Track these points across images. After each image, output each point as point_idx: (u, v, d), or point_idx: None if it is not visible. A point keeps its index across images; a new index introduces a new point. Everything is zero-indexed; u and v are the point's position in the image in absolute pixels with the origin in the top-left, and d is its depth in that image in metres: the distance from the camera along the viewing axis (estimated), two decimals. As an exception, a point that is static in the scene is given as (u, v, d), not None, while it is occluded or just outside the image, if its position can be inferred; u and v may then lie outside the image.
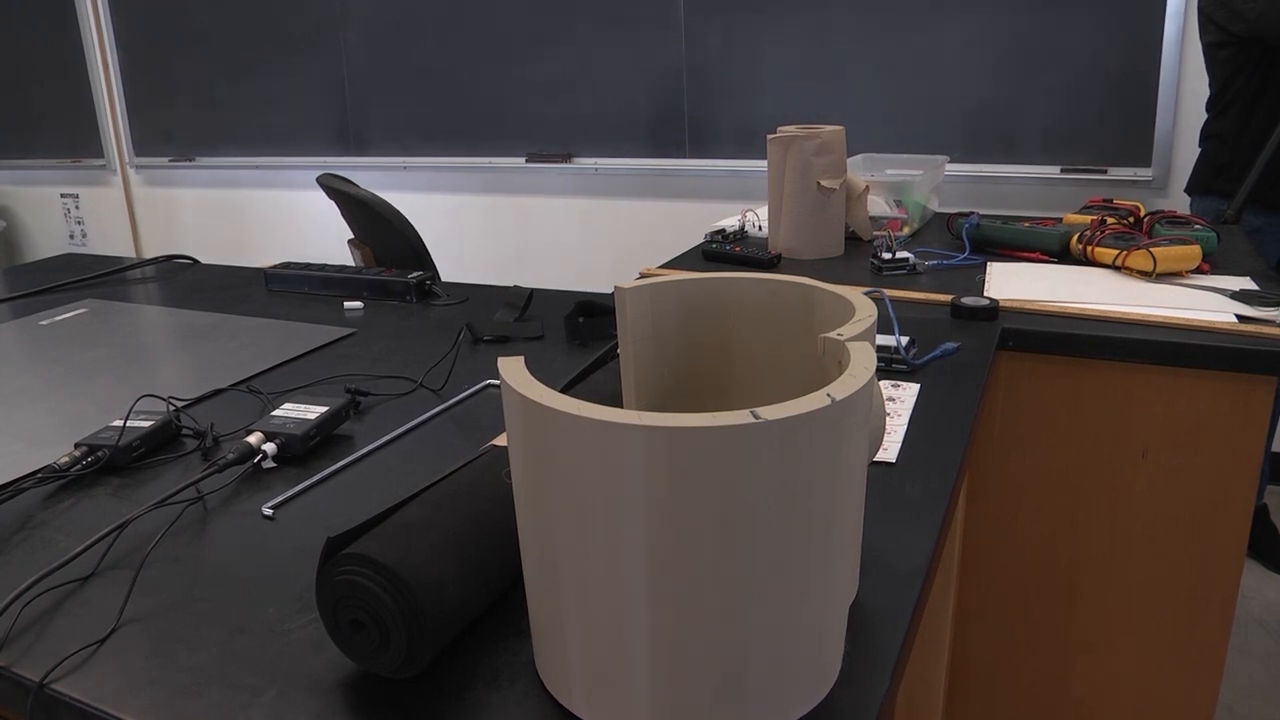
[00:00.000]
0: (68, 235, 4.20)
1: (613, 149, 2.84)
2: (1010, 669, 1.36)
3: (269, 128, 3.43)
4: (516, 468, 0.49)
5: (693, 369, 0.67)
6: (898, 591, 0.64)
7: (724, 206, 2.78)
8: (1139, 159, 2.25)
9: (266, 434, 0.87)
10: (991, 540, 1.32)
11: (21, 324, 1.42)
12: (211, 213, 3.74)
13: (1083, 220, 1.66)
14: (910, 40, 2.40)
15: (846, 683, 0.54)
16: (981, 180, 2.43)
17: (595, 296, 1.29)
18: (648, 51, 2.71)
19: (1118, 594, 1.27)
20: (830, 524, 0.48)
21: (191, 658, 0.60)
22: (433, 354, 1.19)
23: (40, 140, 4.06)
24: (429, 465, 0.86)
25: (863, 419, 0.50)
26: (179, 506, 0.80)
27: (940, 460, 0.83)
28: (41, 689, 0.58)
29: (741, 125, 2.65)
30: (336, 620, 0.53)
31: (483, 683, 0.55)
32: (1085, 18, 2.21)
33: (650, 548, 0.44)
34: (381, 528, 0.54)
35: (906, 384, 1.01)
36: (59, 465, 0.86)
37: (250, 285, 1.61)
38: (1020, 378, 1.25)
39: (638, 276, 1.68)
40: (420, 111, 3.11)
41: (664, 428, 0.41)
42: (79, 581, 0.70)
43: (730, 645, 0.47)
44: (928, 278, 1.46)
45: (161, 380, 1.13)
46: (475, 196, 3.14)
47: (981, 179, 2.43)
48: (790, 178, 1.60)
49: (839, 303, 0.61)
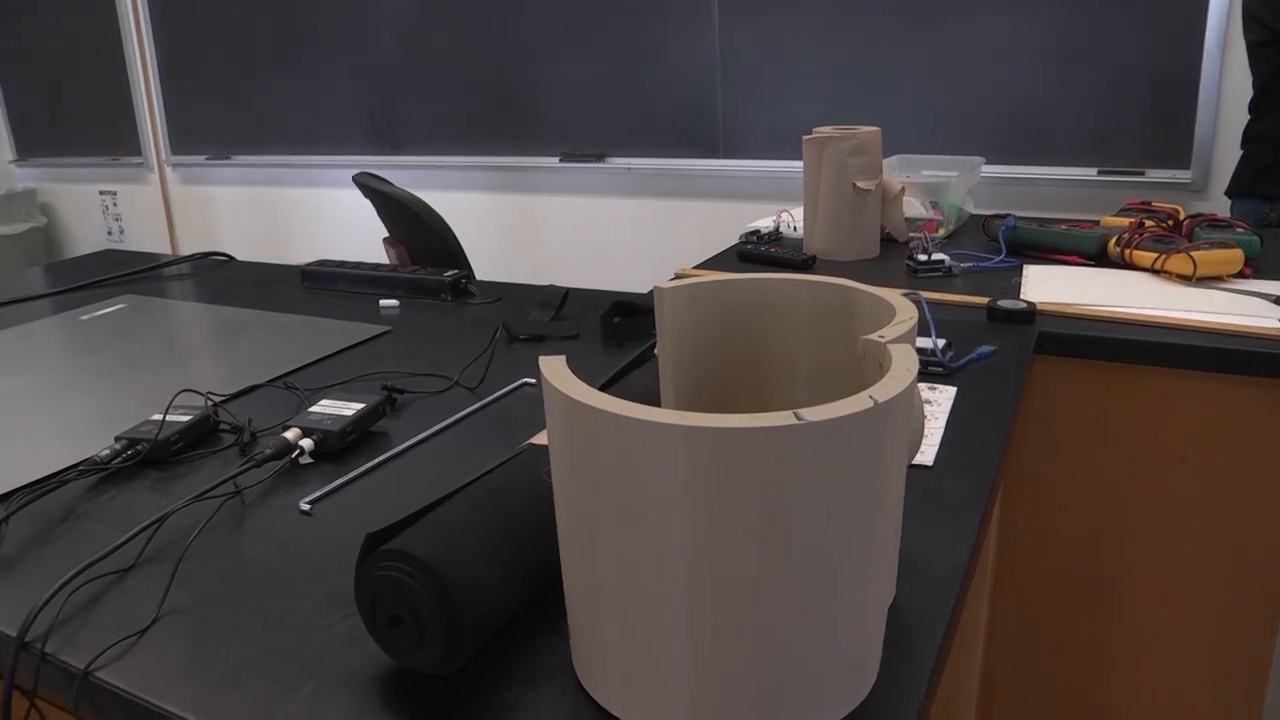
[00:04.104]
0: (106, 232, 4.25)
1: (646, 149, 2.84)
2: (1043, 676, 1.35)
3: (304, 126, 3.46)
4: (557, 466, 0.49)
5: (730, 369, 0.67)
6: (935, 596, 0.63)
7: (758, 207, 2.77)
8: (1178, 161, 2.22)
9: (304, 430, 0.87)
10: (1025, 545, 1.31)
11: (62, 319, 1.44)
12: (246, 210, 3.78)
13: (1121, 223, 1.64)
14: (945, 40, 2.39)
15: (884, 686, 0.54)
16: (1017, 182, 2.41)
17: (630, 296, 1.29)
18: (682, 51, 2.71)
19: (1155, 601, 1.25)
20: (871, 526, 0.48)
21: (230, 651, 0.60)
22: (468, 352, 1.19)
23: (80, 139, 4.12)
24: (465, 463, 0.87)
25: (904, 422, 0.49)
26: (217, 500, 0.81)
27: (977, 464, 0.82)
28: (86, 677, 0.59)
29: (775, 126, 2.64)
30: (375, 616, 0.54)
31: (520, 681, 0.55)
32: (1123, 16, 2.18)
33: (691, 548, 0.44)
34: (421, 524, 0.54)
35: (943, 387, 1.00)
36: (100, 458, 0.87)
37: (286, 282, 1.62)
38: (1057, 382, 1.24)
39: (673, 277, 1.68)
40: (455, 111, 3.13)
41: (707, 428, 0.41)
42: (120, 573, 0.70)
43: (770, 646, 0.47)
44: (963, 280, 1.45)
45: (199, 375, 1.14)
46: (509, 196, 3.15)
47: (1017, 180, 2.40)
48: (826, 179, 1.59)
49: (879, 304, 0.61)
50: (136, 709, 0.57)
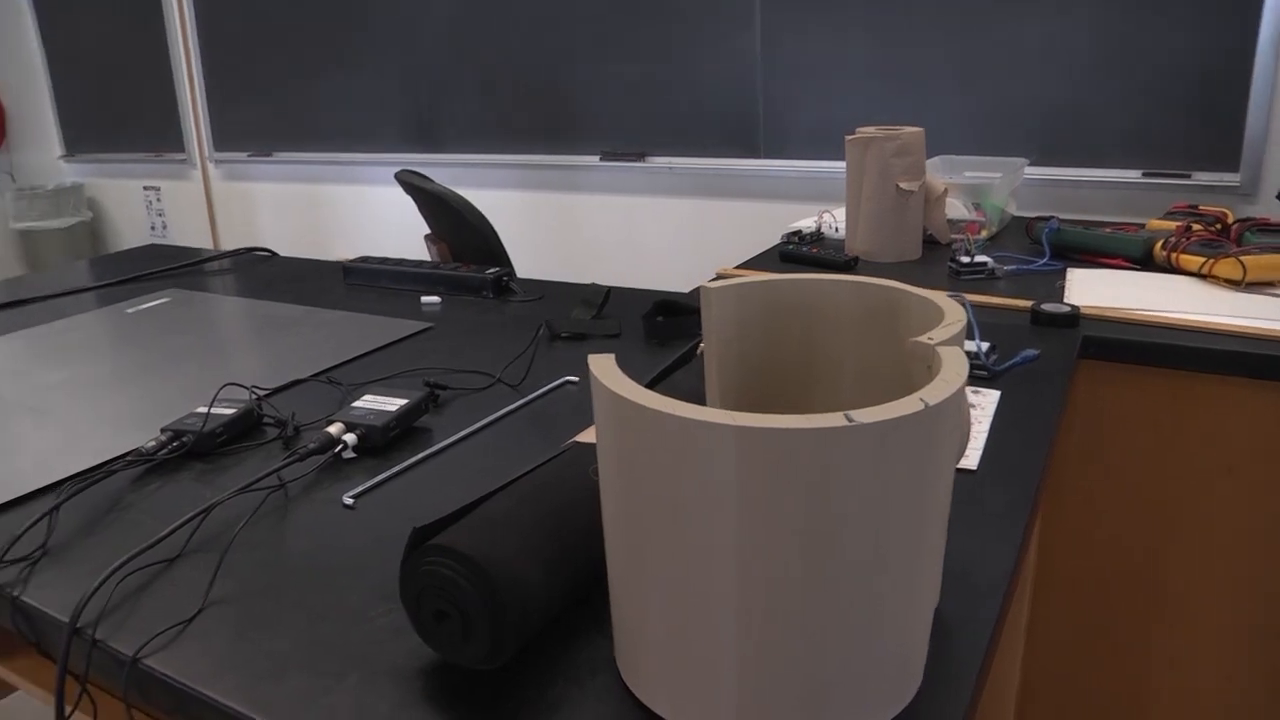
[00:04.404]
0: (149, 227, 4.31)
1: (687, 148, 2.83)
2: (1083, 681, 1.33)
3: (345, 124, 3.48)
4: (605, 464, 0.49)
5: (775, 370, 0.66)
6: (979, 601, 0.62)
7: (798, 207, 2.76)
8: (1226, 163, 2.18)
9: (347, 424, 0.88)
10: (1066, 549, 1.29)
11: (108, 312, 1.46)
12: (287, 207, 3.82)
13: (1167, 226, 1.62)
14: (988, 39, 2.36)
15: (928, 692, 0.53)
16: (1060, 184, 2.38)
17: (672, 295, 1.29)
18: (723, 51, 2.70)
19: (1199, 612, 1.23)
20: (918, 530, 0.47)
21: (274, 642, 0.61)
22: (510, 350, 1.19)
23: (125, 135, 4.18)
24: (507, 460, 0.87)
25: (954, 425, 0.49)
26: (261, 493, 0.82)
27: (1021, 469, 0.82)
28: (135, 664, 0.60)
29: (817, 126, 2.63)
30: (420, 610, 0.54)
31: (564, 677, 0.55)
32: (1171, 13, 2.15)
33: (739, 548, 0.44)
34: (467, 520, 0.55)
35: (987, 390, 0.99)
36: (146, 449, 0.88)
37: (328, 278, 1.63)
38: (1101, 387, 1.22)
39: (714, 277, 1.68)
40: (496, 109, 3.14)
41: (758, 428, 0.41)
42: (166, 562, 0.71)
43: (816, 647, 0.46)
44: (1006, 282, 1.44)
45: (242, 369, 1.16)
46: (549, 194, 3.16)
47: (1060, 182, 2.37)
48: (869, 179, 1.58)
49: (926, 306, 0.60)
50: (183, 696, 0.58)
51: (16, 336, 1.34)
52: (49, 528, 0.77)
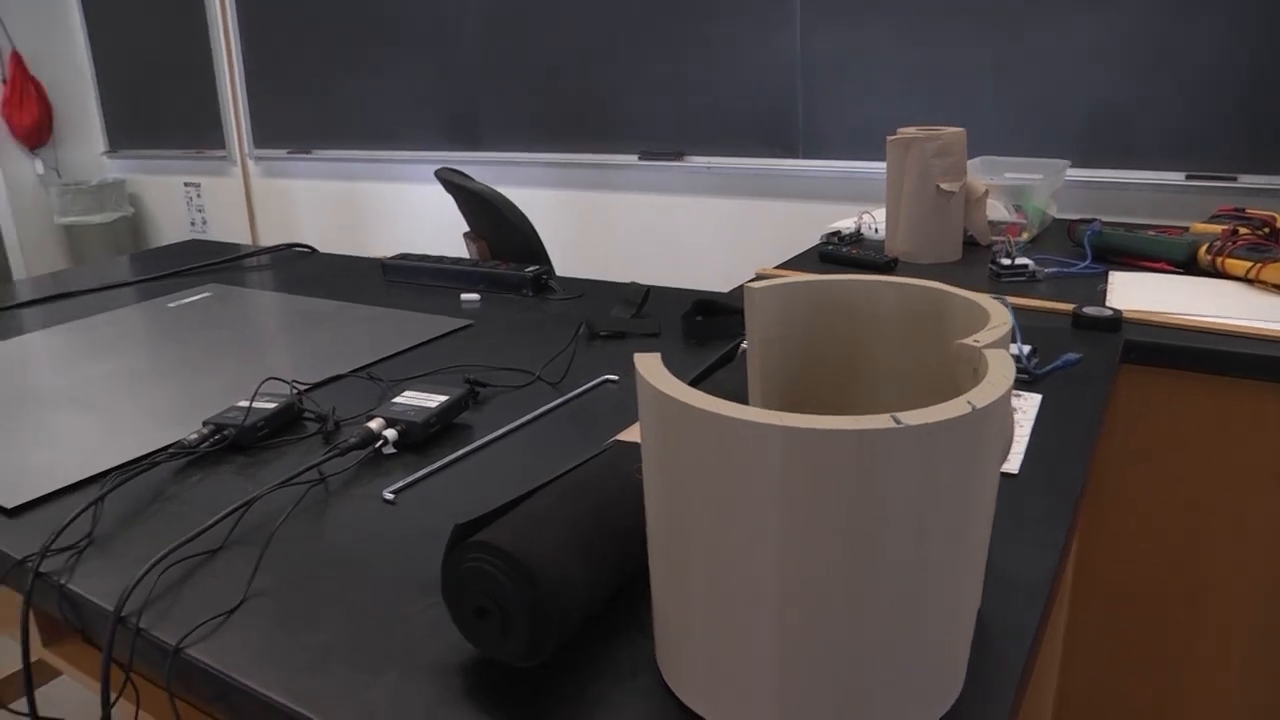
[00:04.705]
0: (189, 223, 4.37)
1: (725, 148, 2.83)
2: (1121, 687, 1.31)
3: (384, 122, 3.51)
4: (649, 463, 0.49)
5: (818, 370, 0.66)
6: (1020, 606, 0.62)
7: (836, 208, 2.74)
8: (1274, 166, 2.15)
9: (387, 420, 0.88)
10: (1106, 554, 1.28)
11: (150, 306, 1.48)
12: (325, 203, 3.85)
13: (1212, 230, 1.60)
14: (1029, 39, 2.34)
15: (969, 697, 0.53)
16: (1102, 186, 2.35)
17: (712, 295, 1.29)
18: (762, 50, 2.69)
19: (1241, 622, 1.21)
20: (963, 533, 0.47)
21: (314, 635, 0.61)
22: (549, 348, 1.20)
23: (167, 132, 4.24)
24: (547, 457, 0.87)
25: (1000, 428, 0.48)
26: (302, 487, 0.83)
27: (1063, 474, 0.81)
28: (178, 653, 0.60)
29: (856, 126, 2.61)
30: (461, 606, 0.54)
31: (603, 675, 0.55)
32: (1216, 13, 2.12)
33: (783, 549, 0.44)
34: (509, 516, 0.55)
35: (1027, 394, 0.98)
36: (188, 442, 0.89)
37: (367, 275, 1.65)
38: (1143, 392, 1.20)
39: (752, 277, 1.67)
40: (533, 107, 3.15)
41: (805, 429, 0.41)
42: (208, 554, 0.72)
43: (858, 650, 0.46)
44: (1047, 285, 1.42)
45: (282, 364, 1.17)
46: (587, 193, 3.16)
47: (1102, 184, 2.35)
48: (909, 180, 1.57)
49: (971, 308, 0.59)
50: (225, 686, 0.58)
51: (61, 329, 1.36)
52: (94, 518, 0.78)
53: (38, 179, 4.46)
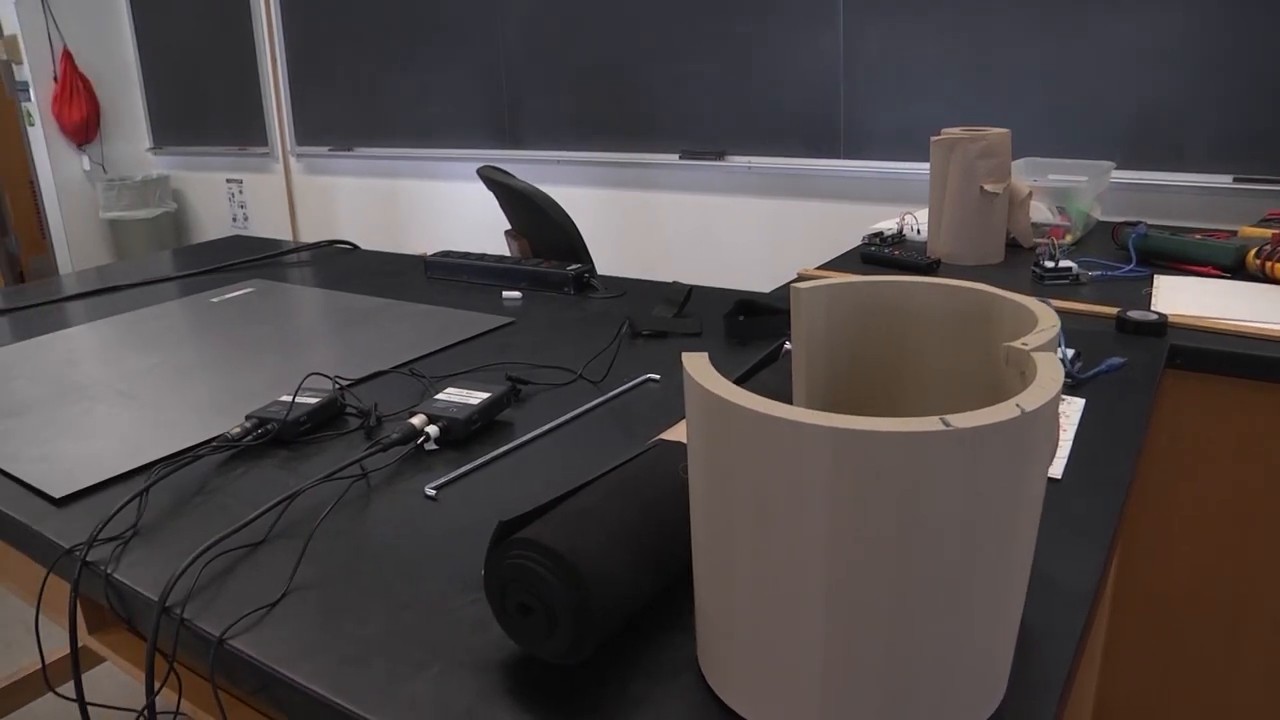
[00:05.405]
0: (231, 218, 4.42)
1: (767, 148, 2.82)
2: (1162, 695, 1.29)
3: (425, 120, 3.53)
4: (695, 462, 0.49)
5: (863, 372, 0.66)
6: (1064, 613, 0.61)
7: (878, 209, 2.73)
8: (1324, 171, 2.11)
9: (429, 416, 0.89)
10: (1149, 561, 1.26)
11: (193, 300, 1.50)
12: (366, 200, 3.88)
13: (1261, 234, 1.57)
14: (1074, 39, 2.31)
15: (1012, 701, 0.52)
16: (1147, 188, 2.32)
17: (754, 295, 1.28)
18: (804, 50, 2.68)
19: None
20: (1009, 538, 0.46)
21: (356, 629, 0.62)
22: (590, 346, 1.20)
23: (211, 129, 4.30)
24: (589, 456, 0.87)
25: (1048, 432, 0.48)
26: (344, 482, 0.83)
27: (1107, 479, 0.80)
28: (221, 644, 0.61)
29: (898, 126, 2.60)
30: (504, 603, 0.54)
31: (645, 675, 0.55)
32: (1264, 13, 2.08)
33: (829, 551, 0.43)
34: (553, 514, 0.55)
35: (1071, 398, 0.97)
36: (231, 435, 0.90)
37: (409, 272, 1.66)
38: (1188, 398, 1.19)
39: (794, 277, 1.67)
40: (575, 106, 3.16)
41: (854, 430, 0.41)
42: (251, 547, 0.73)
43: (902, 654, 0.46)
44: (1091, 289, 1.40)
45: (324, 359, 1.18)
46: (628, 192, 3.16)
47: (1147, 187, 2.31)
48: (953, 181, 1.55)
49: (1019, 311, 0.59)
50: (267, 678, 0.59)
51: (107, 322, 1.38)
52: (139, 509, 0.79)
53: (84, 174, 4.54)
